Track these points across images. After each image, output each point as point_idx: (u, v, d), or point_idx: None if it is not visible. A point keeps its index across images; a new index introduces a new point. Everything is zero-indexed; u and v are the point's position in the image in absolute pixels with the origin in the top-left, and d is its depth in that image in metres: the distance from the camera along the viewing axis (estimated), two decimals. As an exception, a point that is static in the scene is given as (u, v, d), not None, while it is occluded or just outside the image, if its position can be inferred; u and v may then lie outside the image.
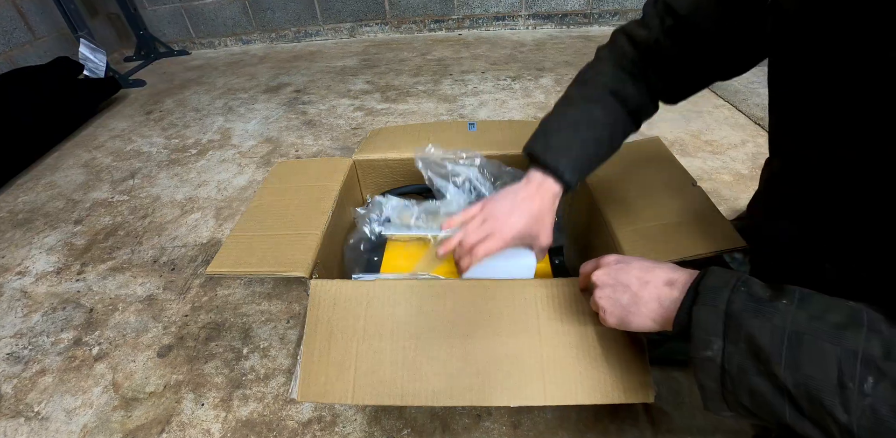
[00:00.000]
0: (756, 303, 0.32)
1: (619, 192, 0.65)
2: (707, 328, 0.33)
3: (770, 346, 0.30)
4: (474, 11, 2.54)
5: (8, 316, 0.94)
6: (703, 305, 0.34)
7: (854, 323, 0.29)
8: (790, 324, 0.30)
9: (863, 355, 0.28)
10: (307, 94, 1.89)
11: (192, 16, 2.54)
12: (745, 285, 0.34)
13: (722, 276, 0.35)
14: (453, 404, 0.50)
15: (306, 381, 0.48)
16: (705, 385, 0.34)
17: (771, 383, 0.30)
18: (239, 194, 1.28)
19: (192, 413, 0.73)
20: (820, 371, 0.28)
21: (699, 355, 0.33)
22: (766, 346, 0.30)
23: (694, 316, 0.34)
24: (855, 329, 0.29)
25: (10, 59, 1.91)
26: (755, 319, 0.31)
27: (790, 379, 0.29)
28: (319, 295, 0.53)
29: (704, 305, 0.34)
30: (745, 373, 0.31)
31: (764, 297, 0.32)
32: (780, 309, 0.31)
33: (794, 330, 0.30)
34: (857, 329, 0.29)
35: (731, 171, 1.23)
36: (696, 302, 0.34)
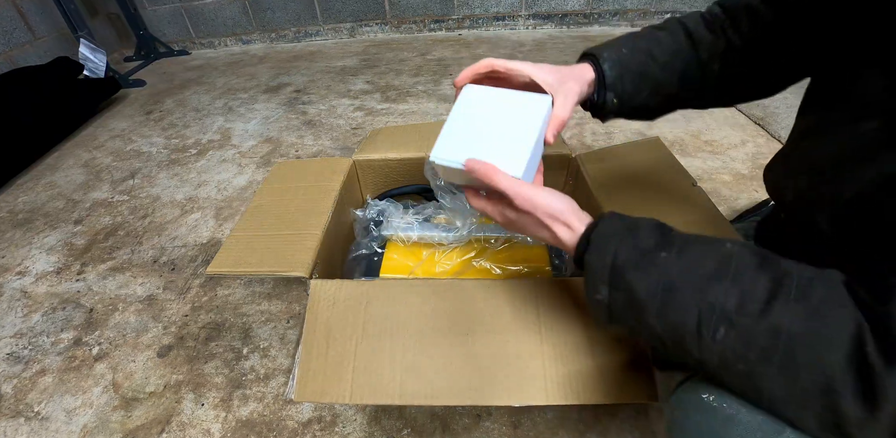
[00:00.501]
0: (639, 255, 0.35)
1: (618, 192, 0.65)
2: (596, 275, 0.37)
3: (645, 298, 0.34)
4: (474, 11, 2.54)
5: (8, 316, 0.94)
6: (593, 255, 0.37)
7: (720, 274, 0.32)
8: (665, 277, 0.34)
9: (719, 307, 0.31)
10: (307, 94, 1.89)
11: (192, 16, 2.54)
12: (632, 236, 0.36)
13: (613, 225, 0.38)
14: (453, 404, 0.50)
15: (304, 381, 0.48)
16: (597, 318, 0.40)
17: (644, 325, 0.35)
18: (239, 194, 1.28)
19: (192, 413, 0.73)
20: (682, 320, 0.33)
21: (591, 296, 0.38)
22: (642, 297, 0.34)
23: (586, 262, 0.38)
24: (719, 280, 0.32)
25: (10, 59, 1.90)
26: (636, 272, 0.35)
27: (659, 325, 0.34)
28: (319, 294, 0.53)
29: (594, 254, 0.37)
30: (625, 314, 0.37)
31: (647, 248, 0.35)
32: (658, 261, 0.35)
33: (667, 283, 0.34)
34: (721, 280, 0.32)
35: (731, 171, 1.23)
36: (587, 250, 0.38)
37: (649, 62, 0.49)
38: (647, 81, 0.49)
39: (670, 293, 0.33)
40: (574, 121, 1.53)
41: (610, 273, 0.36)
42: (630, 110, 0.52)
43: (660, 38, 0.50)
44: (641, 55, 0.49)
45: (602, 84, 0.48)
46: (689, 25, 0.50)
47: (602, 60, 0.48)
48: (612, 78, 0.48)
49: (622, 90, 0.49)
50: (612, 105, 0.49)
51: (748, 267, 0.33)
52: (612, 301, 0.37)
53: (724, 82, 0.51)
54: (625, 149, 0.75)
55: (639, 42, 0.50)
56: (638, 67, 0.49)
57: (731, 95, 0.53)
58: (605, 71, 0.48)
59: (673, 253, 0.35)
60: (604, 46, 0.49)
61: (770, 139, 1.38)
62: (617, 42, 0.50)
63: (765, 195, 1.12)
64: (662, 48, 0.49)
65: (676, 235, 0.37)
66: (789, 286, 0.31)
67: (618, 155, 0.74)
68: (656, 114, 0.54)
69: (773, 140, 1.37)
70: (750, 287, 0.31)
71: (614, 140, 1.41)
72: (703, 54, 0.49)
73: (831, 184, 0.41)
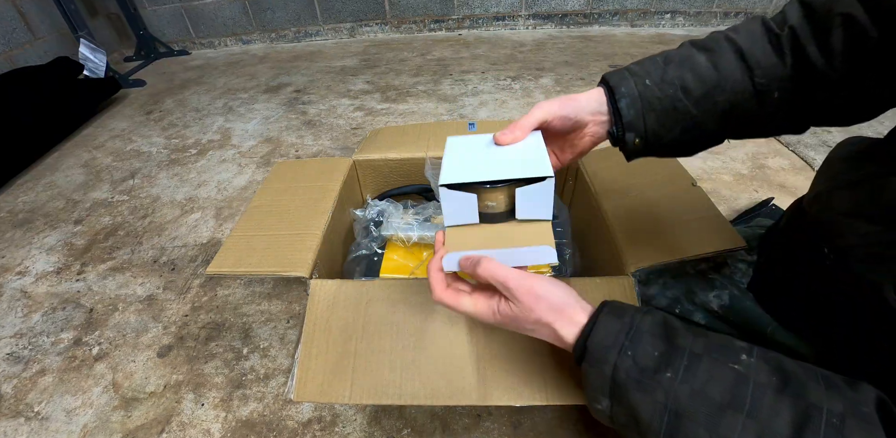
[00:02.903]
0: (640, 374, 0.32)
1: (619, 192, 0.65)
2: (595, 386, 0.34)
3: (650, 421, 0.31)
4: (474, 11, 2.54)
5: (8, 316, 0.94)
6: (591, 366, 0.34)
7: (734, 404, 0.29)
8: (671, 401, 0.30)
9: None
10: (307, 94, 1.89)
11: (192, 16, 2.54)
12: (632, 345, 0.32)
13: (610, 331, 0.33)
14: (453, 404, 0.50)
15: (304, 381, 0.48)
16: (600, 421, 0.36)
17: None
18: (239, 194, 1.28)
19: (192, 413, 0.73)
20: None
21: (592, 405, 0.35)
22: (645, 421, 0.31)
23: (583, 371, 0.34)
24: (734, 413, 0.29)
25: (10, 59, 1.91)
26: (638, 392, 0.31)
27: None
28: (319, 294, 0.53)
29: (592, 366, 0.34)
30: (628, 430, 0.33)
31: (649, 367, 0.32)
32: (663, 383, 0.31)
33: (674, 410, 0.30)
34: (735, 413, 0.28)
35: (731, 171, 1.23)
36: (584, 358, 0.34)
37: (680, 97, 0.40)
38: (678, 120, 0.41)
39: (678, 420, 0.30)
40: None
41: (611, 388, 0.33)
42: (660, 149, 0.44)
43: (698, 65, 0.40)
44: (669, 88, 0.40)
45: (619, 121, 0.41)
46: (741, 44, 0.39)
47: (619, 96, 0.40)
48: (630, 117, 0.41)
49: (645, 130, 0.41)
50: (632, 144, 0.42)
51: (766, 393, 0.29)
52: (614, 414, 0.34)
53: (793, 111, 0.41)
54: (625, 149, 0.75)
55: (669, 70, 0.40)
56: (664, 105, 0.40)
57: (804, 124, 0.43)
58: (621, 109, 0.41)
59: (679, 372, 0.31)
60: (625, 75, 0.41)
61: (770, 139, 1.38)
62: (643, 68, 0.42)
63: (764, 195, 1.12)
64: (699, 78, 0.40)
65: (683, 343, 0.32)
66: (817, 425, 0.27)
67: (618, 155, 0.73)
68: (696, 150, 0.46)
69: (773, 140, 1.37)
70: (769, 423, 0.28)
71: (614, 140, 1.41)
72: (759, 81, 0.39)
73: None
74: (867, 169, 0.42)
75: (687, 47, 0.42)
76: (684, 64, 0.41)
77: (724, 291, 0.58)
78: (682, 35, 2.40)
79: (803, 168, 1.24)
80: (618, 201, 0.64)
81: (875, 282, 0.36)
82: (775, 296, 0.54)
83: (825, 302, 0.45)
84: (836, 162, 0.48)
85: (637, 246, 0.55)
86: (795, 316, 0.51)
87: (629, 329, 0.33)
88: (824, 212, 0.45)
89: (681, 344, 0.32)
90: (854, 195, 0.41)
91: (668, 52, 0.43)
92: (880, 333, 0.38)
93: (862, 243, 0.39)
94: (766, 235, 0.64)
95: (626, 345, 0.33)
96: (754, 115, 0.41)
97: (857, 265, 0.39)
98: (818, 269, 0.45)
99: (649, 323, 0.34)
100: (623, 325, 0.34)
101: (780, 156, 1.29)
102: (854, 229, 0.40)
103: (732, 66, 0.39)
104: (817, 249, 0.44)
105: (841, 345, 0.43)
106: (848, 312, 0.42)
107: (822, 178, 0.49)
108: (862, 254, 0.39)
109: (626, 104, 0.41)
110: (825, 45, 0.36)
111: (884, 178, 0.38)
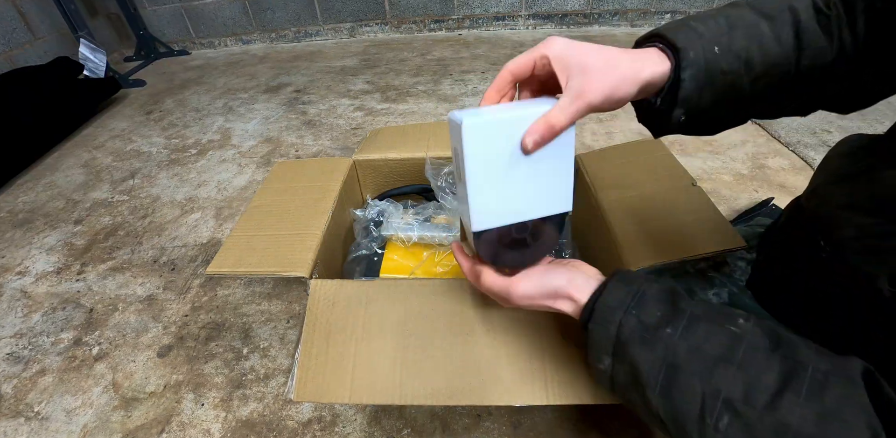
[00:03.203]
0: (643, 330, 0.33)
1: (619, 192, 0.65)
2: (599, 345, 0.35)
3: (648, 375, 0.32)
4: (474, 11, 2.54)
5: (8, 316, 0.94)
6: (596, 324, 0.35)
7: (728, 358, 0.30)
8: (670, 355, 0.32)
9: (724, 395, 0.29)
10: (307, 94, 1.89)
11: (192, 16, 2.54)
12: (637, 306, 0.34)
13: (618, 294, 0.35)
14: (453, 403, 0.50)
15: (304, 381, 0.48)
16: (600, 384, 0.38)
17: (645, 402, 0.33)
18: (239, 194, 1.28)
19: (192, 413, 0.73)
20: (686, 403, 0.31)
21: (594, 364, 0.36)
22: (644, 374, 0.32)
23: (589, 331, 0.36)
24: (726, 365, 0.30)
25: (10, 59, 1.91)
26: (639, 347, 0.33)
27: (661, 405, 0.32)
28: (319, 294, 0.53)
29: (598, 325, 0.35)
30: (627, 388, 0.35)
31: (653, 323, 0.33)
32: (663, 338, 0.32)
33: (672, 362, 0.32)
34: (728, 365, 0.30)
35: (731, 171, 1.23)
36: (591, 319, 0.36)
37: (742, 73, 0.35)
38: (731, 97, 0.36)
39: (675, 373, 0.31)
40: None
41: (614, 345, 0.34)
42: (694, 126, 0.39)
43: (764, 36, 0.35)
44: (736, 61, 0.35)
45: (673, 95, 0.35)
46: (800, 15, 0.35)
47: (684, 64, 0.34)
48: (689, 91, 0.34)
49: (696, 106, 0.35)
50: (676, 122, 0.36)
51: (758, 350, 0.30)
52: (615, 373, 0.35)
53: (813, 96, 0.39)
54: (625, 149, 0.75)
55: (736, 37, 0.35)
56: (726, 81, 0.35)
57: (811, 108, 0.41)
58: (684, 81, 0.34)
59: (679, 329, 0.32)
60: (691, 36, 0.35)
61: (770, 139, 1.38)
62: (709, 29, 0.35)
63: (764, 195, 1.12)
64: (764, 51, 0.35)
65: (685, 306, 0.34)
66: (802, 379, 0.28)
67: (618, 155, 0.74)
68: (721, 130, 0.41)
69: (774, 140, 1.37)
70: (758, 374, 0.29)
71: (614, 140, 1.41)
72: (804, 62, 0.35)
73: None
74: (864, 162, 0.42)
75: (747, 9, 0.36)
76: (750, 33, 0.35)
77: (724, 289, 0.59)
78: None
79: (803, 168, 1.24)
80: (618, 201, 0.64)
81: (870, 274, 0.37)
82: (774, 294, 0.55)
83: (822, 296, 0.46)
84: (834, 158, 0.48)
85: (637, 246, 0.55)
86: (793, 312, 0.51)
87: (636, 293, 0.35)
88: (822, 206, 0.45)
89: (683, 307, 0.34)
90: (850, 188, 0.42)
91: (728, 12, 0.37)
92: (875, 325, 0.39)
93: (857, 235, 0.39)
94: (766, 234, 0.64)
95: (632, 306, 0.34)
96: (788, 96, 0.38)
97: (853, 257, 0.40)
98: (815, 263, 0.45)
99: (656, 289, 0.35)
100: (631, 290, 0.35)
101: (780, 156, 1.29)
102: (850, 222, 0.40)
103: (791, 41, 0.35)
104: (814, 243, 0.45)
105: (837, 338, 0.44)
106: (844, 305, 0.42)
107: (820, 174, 0.50)
108: (857, 247, 0.39)
109: (691, 75, 0.34)
110: (854, 29, 0.34)
111: (879, 171, 0.39)
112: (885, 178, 0.38)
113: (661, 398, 0.32)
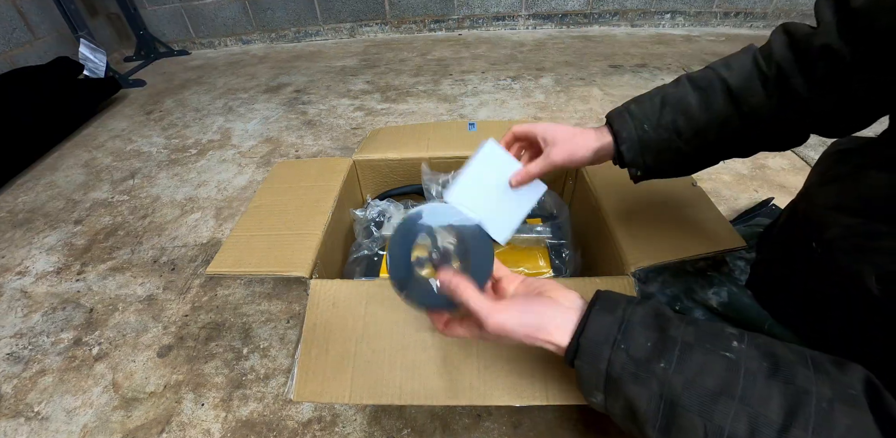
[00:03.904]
0: (635, 366, 0.32)
1: (618, 193, 0.65)
2: (590, 383, 0.34)
3: (646, 412, 0.31)
4: (474, 11, 2.54)
5: (8, 316, 0.94)
6: (584, 362, 0.34)
7: (727, 390, 0.29)
8: (666, 391, 0.31)
9: (728, 433, 0.28)
10: (307, 94, 1.89)
11: (192, 16, 2.54)
12: (625, 338, 0.33)
13: (603, 326, 0.34)
14: (453, 403, 0.50)
15: (304, 381, 0.48)
16: (597, 410, 0.37)
17: (646, 437, 0.32)
18: (239, 194, 1.28)
19: (192, 413, 0.73)
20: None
21: (587, 397, 0.36)
22: (641, 411, 0.32)
23: (577, 368, 0.35)
24: (727, 399, 0.29)
25: (10, 59, 1.90)
26: (633, 385, 0.32)
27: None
28: (319, 294, 0.53)
29: (586, 362, 0.34)
30: (625, 421, 0.34)
31: (643, 358, 0.32)
32: (657, 373, 0.31)
33: (669, 399, 0.31)
34: (728, 400, 0.29)
35: (731, 171, 1.23)
36: (577, 355, 0.34)
37: (674, 139, 0.46)
38: (673, 156, 0.47)
39: (673, 410, 0.30)
40: (574, 122, 1.53)
41: (605, 383, 0.33)
42: (660, 175, 0.50)
43: (690, 107, 0.45)
44: (665, 132, 0.46)
45: (620, 160, 0.48)
46: (731, 84, 0.43)
47: (620, 141, 0.47)
48: (630, 157, 0.47)
49: (644, 164, 0.48)
50: (635, 176, 0.49)
51: (757, 378, 0.29)
52: (609, 407, 0.34)
53: (776, 136, 0.45)
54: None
55: (665, 114, 0.46)
56: (661, 146, 0.46)
57: (784, 145, 0.47)
58: (623, 152, 0.47)
59: (673, 363, 0.31)
60: (626, 119, 0.47)
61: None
62: (643, 110, 0.47)
63: (764, 195, 1.12)
64: (690, 120, 0.45)
65: (675, 333, 0.33)
66: (807, 411, 0.27)
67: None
68: (694, 171, 0.52)
69: (773, 140, 1.37)
70: (761, 406, 0.28)
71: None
72: (746, 114, 0.43)
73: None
74: (853, 163, 0.43)
75: (683, 85, 0.46)
76: (677, 107, 0.45)
77: (723, 288, 0.59)
78: (682, 35, 2.40)
79: (803, 168, 1.24)
80: (618, 201, 0.64)
81: (858, 273, 0.37)
82: (772, 293, 0.55)
83: (820, 297, 0.46)
84: (826, 159, 0.49)
85: (637, 246, 0.55)
86: (792, 312, 0.51)
87: (621, 322, 0.34)
88: (811, 207, 0.46)
89: (672, 335, 0.33)
90: (838, 189, 0.43)
91: (666, 91, 0.47)
92: (872, 324, 0.38)
93: (845, 235, 0.40)
94: (764, 234, 0.65)
95: (619, 339, 0.33)
96: (744, 142, 0.46)
97: (842, 257, 0.40)
98: (811, 264, 0.46)
99: (640, 314, 0.34)
100: (615, 319, 0.34)
101: (780, 156, 1.29)
102: (837, 222, 0.41)
103: (722, 105, 0.44)
104: (807, 244, 0.45)
105: (836, 339, 0.44)
106: (841, 305, 0.42)
107: (812, 176, 0.51)
108: (845, 246, 0.40)
109: (627, 148, 0.47)
110: (810, 77, 0.40)
111: (866, 172, 0.40)
112: (870, 178, 0.39)
113: (662, 435, 0.31)
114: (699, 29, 2.50)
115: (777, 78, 0.41)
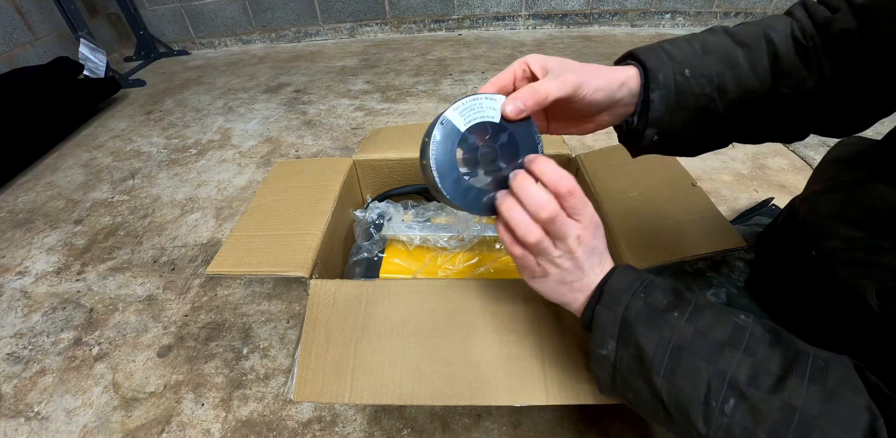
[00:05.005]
0: (650, 313, 0.33)
1: (618, 192, 0.65)
2: (605, 328, 0.35)
3: (654, 356, 0.32)
4: (474, 11, 2.54)
5: (8, 316, 0.94)
6: (604, 307, 0.35)
7: (733, 343, 0.31)
8: (676, 337, 0.32)
9: (731, 377, 0.30)
10: (307, 94, 1.89)
11: (192, 16, 2.54)
12: (645, 291, 0.35)
13: (626, 279, 0.35)
14: (453, 404, 0.50)
15: (304, 381, 0.48)
16: (599, 375, 0.37)
17: (649, 387, 0.33)
18: (239, 194, 1.28)
19: (192, 413, 0.73)
20: (691, 386, 0.31)
21: (596, 351, 0.36)
22: (650, 355, 0.32)
23: (595, 314, 0.36)
24: (732, 349, 0.31)
25: (10, 59, 1.90)
26: (646, 328, 0.33)
27: (665, 388, 0.32)
28: (319, 294, 0.53)
29: (605, 307, 0.35)
30: (630, 374, 0.34)
31: (660, 307, 0.34)
32: (670, 321, 0.33)
33: (678, 344, 0.32)
34: (733, 350, 0.31)
35: (731, 171, 1.23)
36: (599, 301, 0.35)
37: (715, 97, 0.36)
38: (705, 120, 0.38)
39: (680, 355, 0.32)
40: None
41: (620, 327, 0.34)
42: (670, 147, 0.40)
43: (738, 64, 0.36)
44: (708, 85, 0.36)
45: (644, 114, 0.37)
46: (778, 46, 0.36)
47: (653, 86, 0.36)
48: (659, 112, 0.36)
49: (668, 127, 0.37)
50: (649, 142, 0.39)
51: (762, 340, 0.31)
52: (618, 357, 0.34)
53: (799, 123, 0.40)
54: (625, 149, 0.75)
55: (710, 61, 0.36)
56: (698, 103, 0.36)
57: (797, 135, 0.42)
58: (653, 102, 0.36)
59: (686, 314, 0.33)
60: (662, 58, 0.36)
61: (770, 139, 1.38)
62: (682, 52, 0.37)
63: (764, 195, 1.12)
64: (738, 79, 0.36)
65: (691, 297, 0.35)
66: (804, 364, 0.29)
67: (618, 155, 0.74)
68: (700, 152, 0.43)
69: (773, 140, 1.37)
70: (763, 360, 0.30)
71: (614, 140, 1.41)
72: (784, 90, 0.36)
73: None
74: (856, 172, 0.42)
75: (723, 36, 0.38)
76: (724, 59, 0.36)
77: (722, 289, 0.59)
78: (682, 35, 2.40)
79: (803, 168, 1.24)
80: (618, 201, 0.64)
81: (857, 287, 0.37)
82: (771, 295, 0.55)
83: (816, 306, 0.45)
84: (830, 164, 0.48)
85: (637, 246, 0.55)
86: (790, 316, 0.51)
87: (644, 280, 0.35)
88: (812, 215, 0.45)
89: (688, 298, 0.35)
90: (839, 199, 0.42)
91: (704, 38, 0.38)
92: (869, 338, 0.38)
93: (844, 248, 0.39)
94: (763, 234, 0.64)
95: (640, 290, 0.35)
96: (770, 123, 0.39)
97: (841, 269, 0.39)
98: (808, 272, 0.45)
99: (660, 281, 0.36)
100: (638, 276, 0.36)
101: (780, 156, 1.29)
102: (837, 233, 0.40)
103: (765, 72, 0.36)
104: (805, 252, 0.45)
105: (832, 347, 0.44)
106: (836, 316, 0.42)
107: (814, 180, 0.49)
108: (845, 259, 0.39)
109: (659, 97, 0.36)
110: (833, 58, 0.35)
111: (869, 184, 0.39)
112: (874, 192, 0.38)
113: (666, 380, 0.32)
114: (699, 29, 2.48)
115: (815, 54, 0.36)
